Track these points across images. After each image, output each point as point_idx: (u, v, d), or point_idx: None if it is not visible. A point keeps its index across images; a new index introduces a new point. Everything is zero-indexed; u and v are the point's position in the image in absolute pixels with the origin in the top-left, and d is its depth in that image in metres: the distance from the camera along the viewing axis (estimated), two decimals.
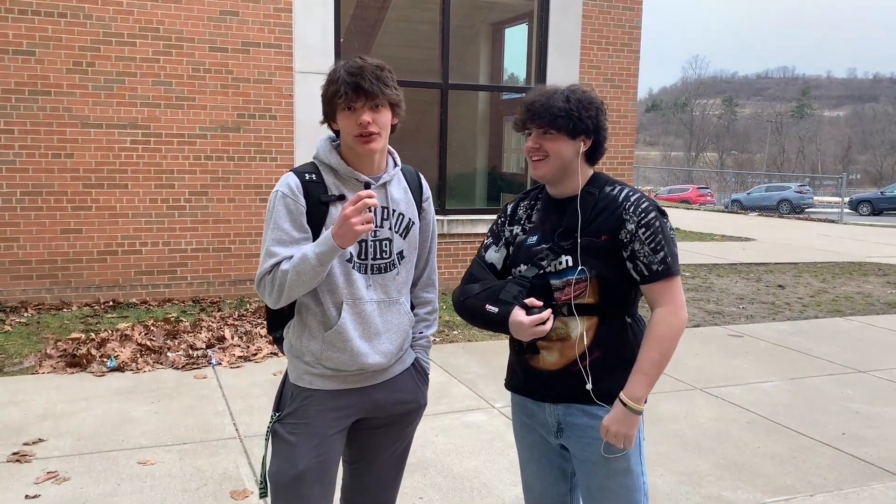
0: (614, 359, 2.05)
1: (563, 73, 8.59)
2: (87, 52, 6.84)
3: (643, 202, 2.03)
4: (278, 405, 2.15)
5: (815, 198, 35.49)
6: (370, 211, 1.91)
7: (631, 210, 2.01)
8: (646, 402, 2.01)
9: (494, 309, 2.03)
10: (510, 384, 2.26)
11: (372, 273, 2.09)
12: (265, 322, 2.22)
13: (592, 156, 2.11)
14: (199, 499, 3.42)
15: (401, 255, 2.14)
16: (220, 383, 5.06)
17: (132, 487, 3.52)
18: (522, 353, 2.15)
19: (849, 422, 4.70)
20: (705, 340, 6.69)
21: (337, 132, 2.09)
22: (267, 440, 2.12)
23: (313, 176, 2.06)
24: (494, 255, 2.22)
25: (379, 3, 9.36)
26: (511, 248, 2.19)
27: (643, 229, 1.99)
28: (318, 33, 7.49)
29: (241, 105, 7.38)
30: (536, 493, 2.29)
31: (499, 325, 2.03)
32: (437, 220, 8.04)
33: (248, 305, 7.20)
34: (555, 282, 2.05)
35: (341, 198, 2.05)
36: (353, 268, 2.06)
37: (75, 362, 5.29)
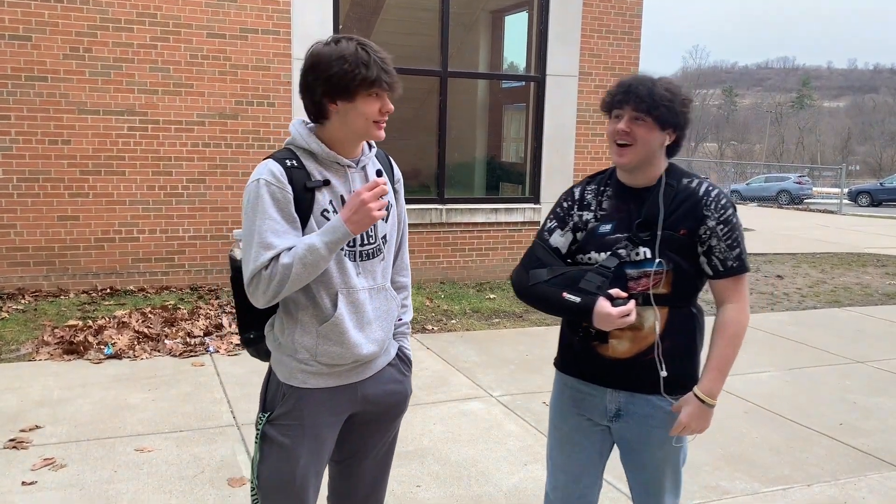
0: (681, 347, 2.11)
1: (563, 61, 8.55)
2: (83, 37, 6.79)
3: (722, 198, 2.06)
4: (265, 405, 2.07)
5: (815, 189, 35.44)
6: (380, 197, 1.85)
7: (712, 206, 2.04)
8: (713, 399, 2.07)
9: (576, 298, 2.02)
10: (566, 368, 2.25)
11: (361, 259, 2.03)
12: (237, 322, 2.14)
13: (672, 150, 2.13)
14: (196, 486, 3.42)
15: (384, 238, 2.09)
16: (218, 371, 5.05)
17: (129, 474, 3.51)
18: (590, 341, 2.13)
19: (846, 412, 4.70)
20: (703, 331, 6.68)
21: (318, 113, 1.96)
22: (257, 442, 2.04)
23: (294, 162, 1.96)
24: (560, 240, 2.18)
25: None
26: (579, 234, 2.16)
27: (722, 225, 2.03)
28: (316, 20, 7.44)
29: (240, 92, 7.34)
30: (570, 476, 2.27)
31: (580, 313, 2.03)
32: (436, 209, 8.09)
33: None
34: (630, 272, 2.05)
35: (326, 183, 1.97)
36: (345, 255, 1.99)
37: (72, 349, 5.28)
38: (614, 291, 2.00)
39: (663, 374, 2.07)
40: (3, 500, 3.23)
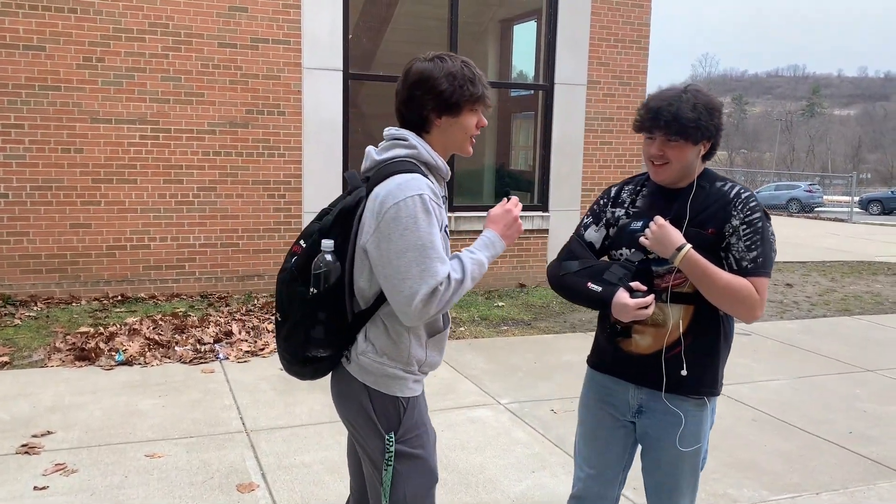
0: (704, 348, 2.17)
1: (571, 69, 8.58)
2: (96, 47, 6.87)
3: (752, 201, 2.11)
4: (387, 427, 1.99)
5: (825, 197, 35.32)
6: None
7: (739, 207, 2.09)
8: (683, 250, 2.05)
9: (598, 287, 2.12)
10: (594, 362, 2.36)
11: None
12: (305, 341, 1.95)
13: (708, 155, 2.19)
14: (205, 491, 3.44)
15: None
16: (228, 378, 5.09)
17: (139, 480, 3.54)
18: (615, 336, 2.23)
19: (856, 420, 4.68)
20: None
21: (422, 126, 2.01)
22: (388, 467, 1.99)
23: (429, 178, 1.98)
24: (594, 235, 2.31)
25: (388, 0, 9.36)
26: (611, 230, 2.27)
27: (745, 226, 2.08)
28: (326, 30, 7.50)
29: (250, 101, 7.40)
30: (594, 470, 2.35)
31: (600, 303, 2.13)
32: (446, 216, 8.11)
33: (255, 301, 7.22)
34: (657, 269, 2.13)
35: (444, 198, 2.03)
36: None
37: (84, 356, 5.32)
38: (634, 284, 2.08)
39: (683, 372, 2.14)
40: None
